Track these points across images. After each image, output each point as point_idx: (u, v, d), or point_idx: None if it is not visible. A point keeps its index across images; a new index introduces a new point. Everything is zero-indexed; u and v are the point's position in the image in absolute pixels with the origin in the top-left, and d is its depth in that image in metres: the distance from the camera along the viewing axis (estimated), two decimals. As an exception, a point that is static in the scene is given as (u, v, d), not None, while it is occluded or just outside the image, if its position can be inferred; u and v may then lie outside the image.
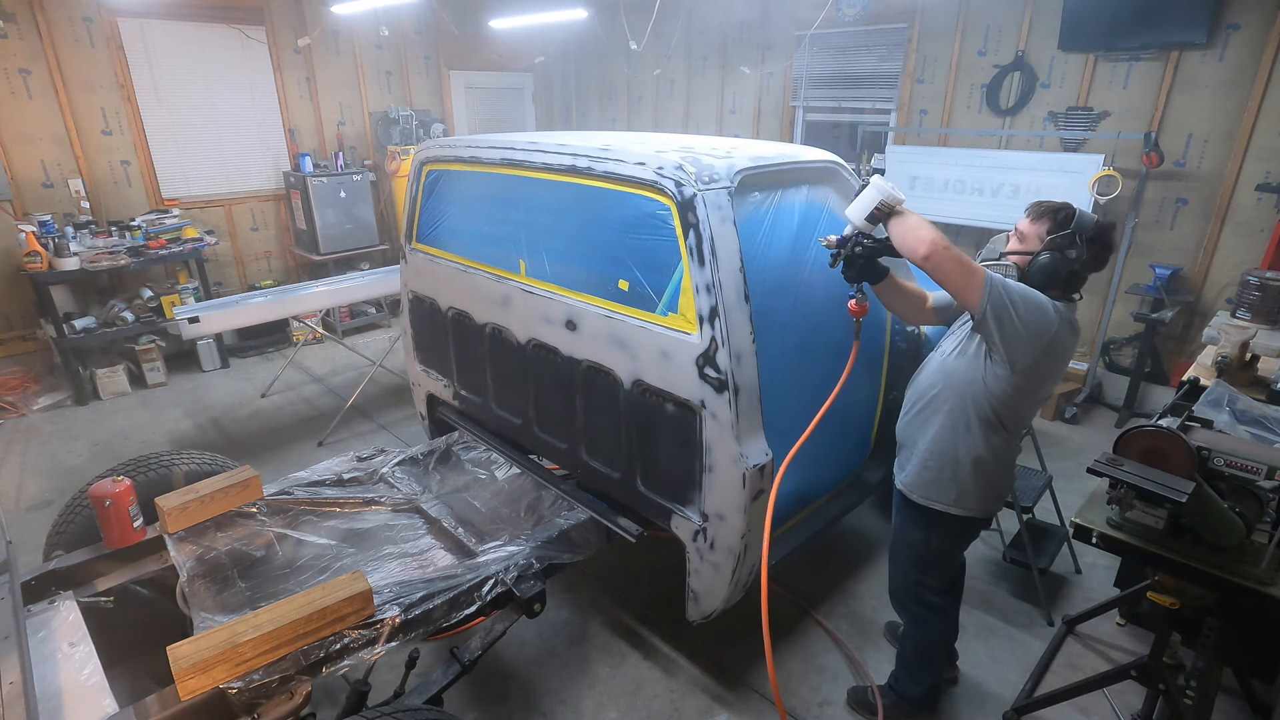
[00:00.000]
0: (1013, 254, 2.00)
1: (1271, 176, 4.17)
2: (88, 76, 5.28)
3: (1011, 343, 1.86)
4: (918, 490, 2.14)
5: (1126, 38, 4.46)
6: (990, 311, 1.83)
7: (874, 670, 2.74)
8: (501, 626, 2.22)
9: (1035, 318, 1.85)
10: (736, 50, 6.66)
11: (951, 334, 2.14)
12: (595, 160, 2.40)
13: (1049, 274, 1.92)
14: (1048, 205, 1.99)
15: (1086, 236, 1.91)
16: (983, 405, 1.98)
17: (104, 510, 2.23)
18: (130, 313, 5.26)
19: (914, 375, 2.23)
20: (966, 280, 1.83)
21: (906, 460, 2.20)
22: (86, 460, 4.31)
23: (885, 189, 1.94)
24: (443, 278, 3.19)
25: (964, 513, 2.10)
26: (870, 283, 2.15)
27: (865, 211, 1.97)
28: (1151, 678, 2.14)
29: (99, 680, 1.85)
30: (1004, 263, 1.98)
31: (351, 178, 6.38)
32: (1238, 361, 2.99)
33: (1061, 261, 1.91)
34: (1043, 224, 1.96)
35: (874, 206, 1.96)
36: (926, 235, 1.85)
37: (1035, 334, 1.85)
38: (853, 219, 2.02)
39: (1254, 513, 1.84)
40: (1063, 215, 1.94)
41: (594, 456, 2.68)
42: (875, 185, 1.96)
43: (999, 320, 1.83)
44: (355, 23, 6.41)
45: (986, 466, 2.04)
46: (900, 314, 2.36)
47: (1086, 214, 1.94)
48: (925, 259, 1.84)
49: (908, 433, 2.20)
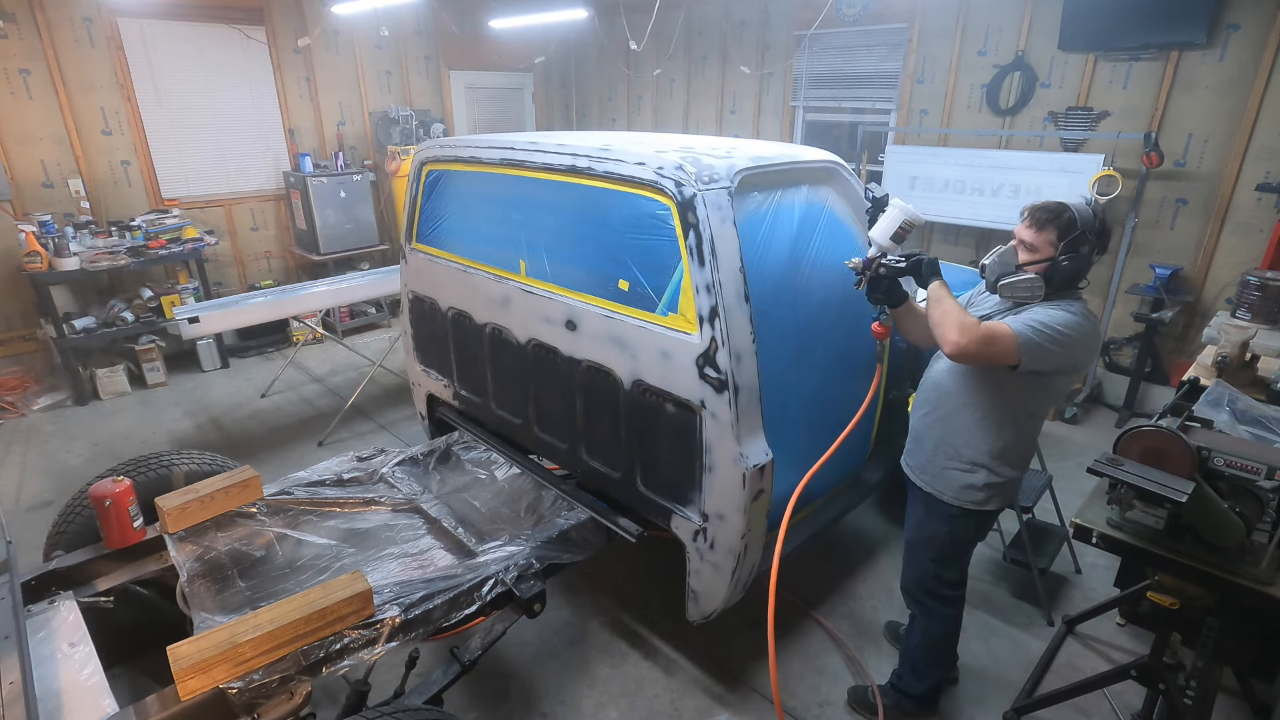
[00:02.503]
0: (1030, 265, 1.99)
1: (1271, 176, 4.17)
2: (88, 76, 5.28)
3: (1053, 366, 1.93)
4: (947, 491, 2.16)
5: (1126, 38, 4.47)
6: (1029, 363, 1.88)
7: (874, 670, 2.74)
8: (501, 626, 2.22)
9: (1069, 339, 1.89)
10: (736, 50, 6.66)
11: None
12: (595, 160, 2.39)
13: (1075, 275, 1.95)
14: (1046, 211, 1.97)
15: (1094, 230, 1.93)
16: (1009, 402, 2.03)
17: (104, 510, 2.23)
18: (130, 313, 5.26)
19: (929, 366, 2.24)
20: (1001, 349, 1.88)
21: (927, 458, 2.21)
22: (86, 460, 4.31)
23: (907, 210, 2.07)
24: (443, 278, 3.19)
25: (989, 507, 2.15)
26: (891, 306, 2.22)
27: (890, 232, 2.10)
28: (1151, 678, 2.15)
29: (99, 680, 1.85)
30: (1027, 275, 1.97)
31: (351, 178, 6.37)
32: (1238, 361, 2.99)
33: (1080, 260, 1.93)
34: (1050, 231, 1.95)
35: (898, 226, 2.08)
36: (958, 322, 1.90)
37: (1071, 349, 1.91)
38: (877, 240, 2.14)
39: (1254, 513, 1.84)
40: (1066, 218, 1.94)
41: (594, 456, 2.68)
42: (897, 206, 2.10)
43: (1038, 363, 1.89)
44: (355, 23, 6.41)
45: (1011, 456, 2.10)
46: (916, 339, 2.34)
47: (1083, 209, 1.94)
48: (955, 344, 1.89)
49: (928, 429, 2.21)
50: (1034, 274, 1.96)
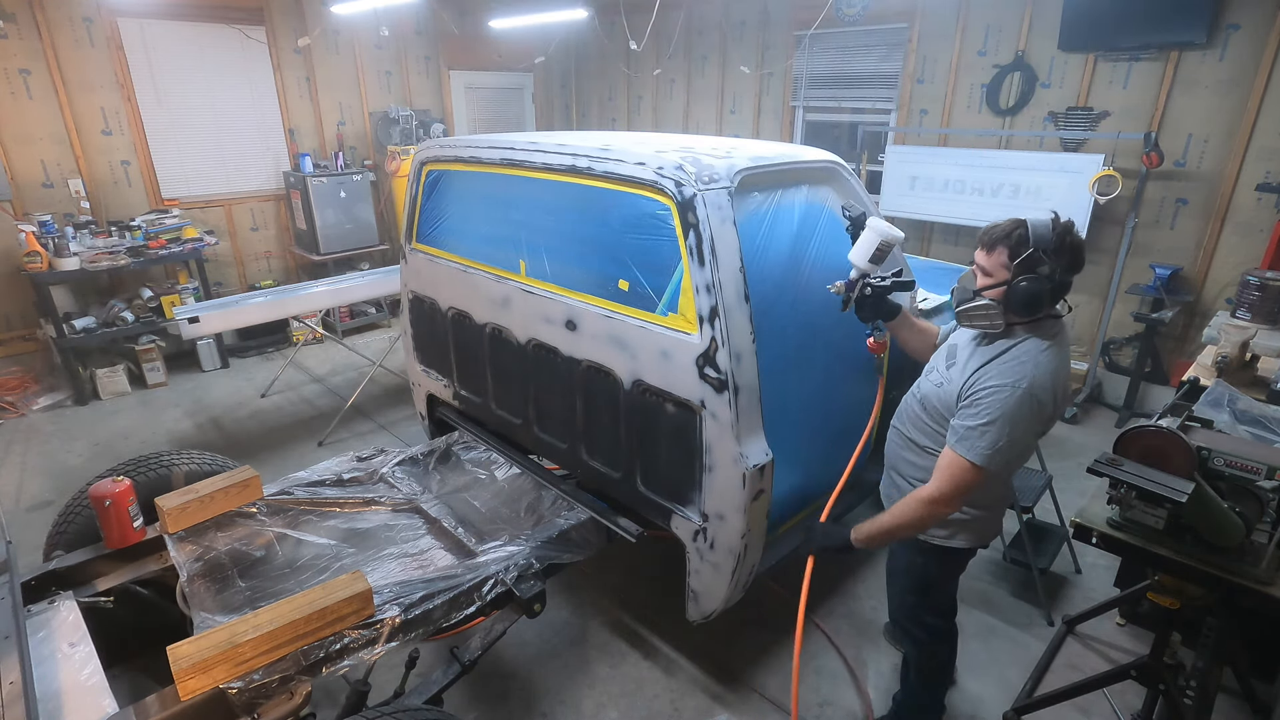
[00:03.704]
0: (985, 290, 1.83)
1: (1271, 176, 4.17)
2: (88, 76, 5.28)
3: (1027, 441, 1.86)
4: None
5: (1126, 38, 4.47)
6: (1003, 464, 1.80)
7: (874, 670, 2.75)
8: (501, 626, 2.22)
9: (1028, 427, 1.79)
10: (736, 50, 6.66)
11: (938, 371, 2.01)
12: (595, 160, 2.39)
13: (1031, 299, 1.76)
14: (998, 231, 1.82)
15: (1051, 248, 1.75)
16: None
17: (104, 510, 2.23)
18: (130, 313, 5.26)
19: (903, 402, 2.14)
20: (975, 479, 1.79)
21: (894, 488, 2.14)
22: (86, 460, 4.31)
23: (883, 229, 2.05)
24: (443, 278, 3.19)
25: (962, 545, 2.05)
26: (884, 320, 2.19)
27: (867, 255, 2.08)
28: (1151, 678, 2.15)
29: (99, 680, 1.84)
30: (981, 302, 1.83)
31: (351, 178, 6.37)
32: (1238, 361, 3.00)
33: (1038, 282, 1.75)
34: (1000, 252, 1.80)
35: (875, 248, 2.07)
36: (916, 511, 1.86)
37: (1037, 416, 1.79)
38: (856, 263, 2.11)
39: (1254, 513, 1.84)
40: (1017, 235, 1.78)
41: (594, 456, 2.68)
42: (873, 228, 2.07)
43: (1013, 457, 1.82)
44: (355, 23, 6.41)
45: (980, 497, 1.95)
46: (914, 350, 2.29)
47: (1040, 223, 1.77)
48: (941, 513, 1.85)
49: (897, 459, 2.13)
50: (988, 300, 1.81)
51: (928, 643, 2.27)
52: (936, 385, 1.96)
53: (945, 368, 1.97)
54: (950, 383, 1.90)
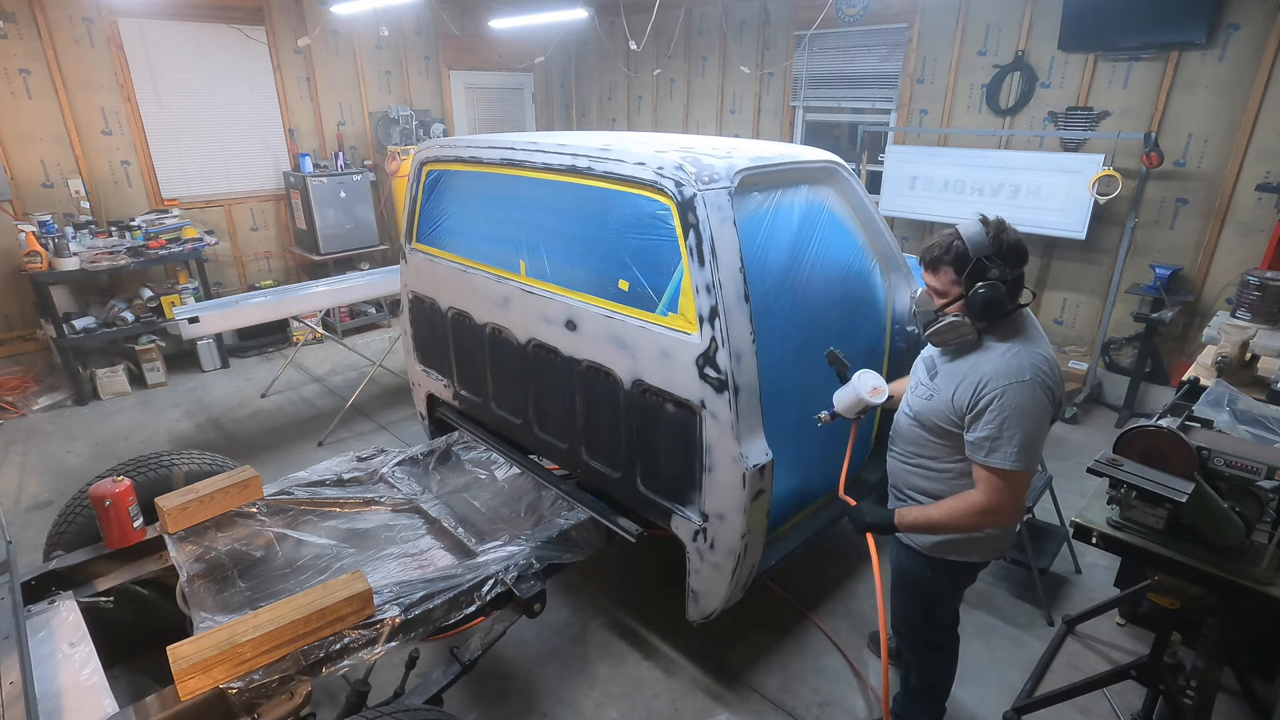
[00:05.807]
0: (947, 309, 1.86)
1: (1271, 176, 4.17)
2: (88, 76, 5.28)
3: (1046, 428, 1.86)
4: (925, 544, 2.07)
5: (1126, 38, 4.47)
6: (1031, 459, 1.81)
7: (873, 670, 2.74)
8: (501, 626, 2.22)
9: (1042, 412, 1.79)
10: (736, 50, 6.66)
11: (923, 385, 1.99)
12: (595, 160, 2.39)
13: (990, 304, 1.77)
14: (936, 250, 1.85)
15: (991, 252, 1.77)
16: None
17: (104, 510, 2.23)
18: (130, 313, 5.26)
19: (895, 424, 2.12)
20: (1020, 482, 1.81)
21: (899, 503, 2.13)
22: (86, 460, 4.31)
23: (865, 397, 2.16)
24: (443, 278, 3.19)
25: (971, 559, 2.05)
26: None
27: (853, 410, 2.23)
28: (1151, 678, 2.14)
29: (99, 680, 1.84)
30: (947, 320, 1.85)
31: (351, 178, 6.37)
32: (1238, 361, 2.99)
33: (993, 287, 1.76)
34: (945, 271, 1.83)
35: (858, 411, 2.22)
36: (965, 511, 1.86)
37: (1047, 407, 1.80)
38: (841, 411, 2.25)
39: (1254, 513, 1.83)
40: (955, 250, 1.80)
41: (594, 456, 2.68)
42: (856, 389, 2.18)
43: (1037, 447, 1.82)
44: (355, 23, 6.41)
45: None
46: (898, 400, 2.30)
47: (973, 231, 1.79)
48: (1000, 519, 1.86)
49: (901, 472, 2.11)
50: (953, 317, 1.83)
51: (928, 654, 2.28)
52: (926, 399, 1.95)
53: (929, 379, 1.97)
54: (939, 391, 1.91)
